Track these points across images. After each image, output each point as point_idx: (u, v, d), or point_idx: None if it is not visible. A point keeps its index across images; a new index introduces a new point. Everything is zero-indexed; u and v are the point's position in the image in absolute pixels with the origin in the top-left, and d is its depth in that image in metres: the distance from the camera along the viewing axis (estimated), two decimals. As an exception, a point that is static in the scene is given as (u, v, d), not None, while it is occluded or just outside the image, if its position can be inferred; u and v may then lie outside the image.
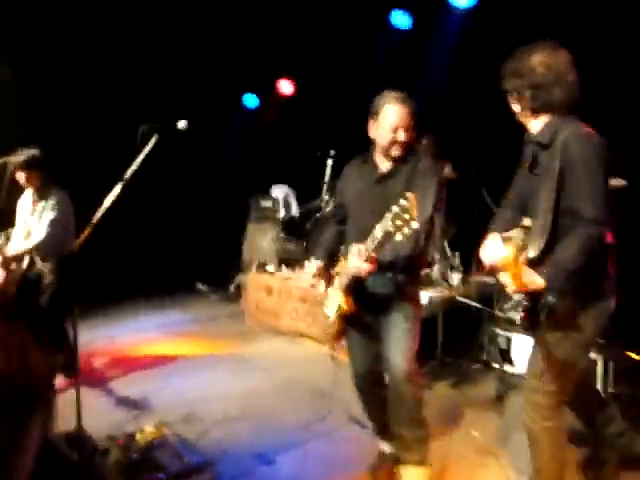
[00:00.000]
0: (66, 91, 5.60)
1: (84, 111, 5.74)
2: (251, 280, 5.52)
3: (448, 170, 4.12)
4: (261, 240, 5.90)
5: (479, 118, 4.63)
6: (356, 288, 2.47)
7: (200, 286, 6.58)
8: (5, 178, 3.71)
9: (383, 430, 2.72)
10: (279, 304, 5.06)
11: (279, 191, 6.32)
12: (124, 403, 3.60)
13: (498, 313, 3.77)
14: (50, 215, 3.76)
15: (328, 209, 5.09)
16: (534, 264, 1.94)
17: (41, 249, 3.72)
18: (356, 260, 2.30)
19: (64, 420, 2.64)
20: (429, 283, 4.13)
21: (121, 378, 4.02)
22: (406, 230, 2.00)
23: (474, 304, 3.91)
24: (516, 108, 2.17)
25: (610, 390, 3.20)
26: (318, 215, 5.35)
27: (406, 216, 1.98)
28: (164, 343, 4.79)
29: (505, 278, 1.90)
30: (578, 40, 2.53)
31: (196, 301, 6.24)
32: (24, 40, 5.28)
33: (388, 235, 2.06)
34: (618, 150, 2.06)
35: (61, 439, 2.77)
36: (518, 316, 2.14)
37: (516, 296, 2.09)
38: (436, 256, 4.24)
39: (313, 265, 2.59)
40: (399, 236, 2.02)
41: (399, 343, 2.44)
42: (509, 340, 3.69)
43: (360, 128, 2.59)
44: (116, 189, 2.67)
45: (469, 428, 3.08)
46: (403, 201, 1.99)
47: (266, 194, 6.27)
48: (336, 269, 2.58)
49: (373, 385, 2.67)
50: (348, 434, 3.10)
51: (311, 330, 4.68)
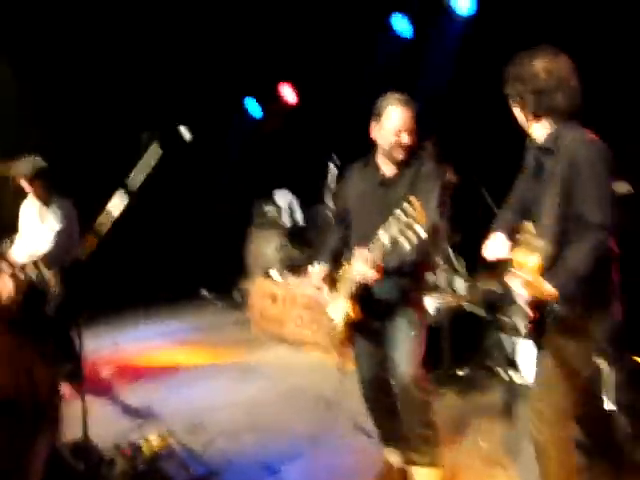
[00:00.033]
0: (66, 92, 5.63)
1: (84, 111, 5.76)
2: (255, 287, 5.52)
3: (451, 175, 4.11)
4: (265, 247, 5.90)
5: (480, 123, 4.62)
6: (362, 295, 2.46)
7: (205, 293, 6.59)
8: (9, 186, 3.74)
9: (388, 438, 2.71)
10: (284, 311, 5.06)
11: (282, 198, 6.30)
12: (130, 411, 3.60)
13: (504, 319, 3.75)
14: (55, 226, 3.80)
15: (331, 214, 5.09)
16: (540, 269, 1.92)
17: (48, 260, 3.74)
18: (361, 266, 2.29)
19: (70, 429, 2.64)
20: (433, 289, 4.12)
21: (127, 387, 4.03)
22: (411, 235, 1.99)
23: (479, 311, 3.89)
24: (518, 113, 2.17)
25: (616, 397, 3.17)
26: (322, 222, 5.35)
27: (410, 221, 1.98)
28: (169, 351, 4.80)
29: (519, 286, 1.87)
30: (577, 44, 2.53)
31: (201, 309, 6.25)
32: (24, 40, 5.27)
33: (394, 242, 2.05)
34: (620, 152, 2.05)
35: (67, 449, 2.77)
36: (523, 325, 2.12)
37: (520, 304, 2.06)
38: (440, 262, 4.23)
39: (318, 268, 2.59)
40: (404, 241, 2.01)
41: (404, 348, 2.43)
42: (515, 347, 3.66)
43: (363, 134, 2.58)
44: (119, 196, 2.67)
45: (476, 437, 3.05)
46: (407, 205, 1.98)
47: (269, 200, 6.26)
48: (339, 273, 2.58)
49: (379, 392, 2.65)
50: (354, 444, 3.08)
51: (316, 337, 4.67)
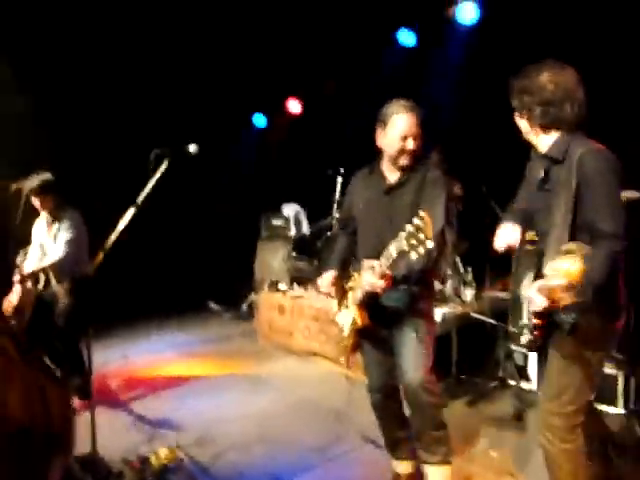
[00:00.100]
0: (76, 110, 5.65)
1: (85, 113, 5.77)
2: (263, 299, 5.52)
3: (457, 188, 4.11)
4: (272, 259, 5.90)
5: (488, 133, 4.62)
6: (370, 303, 2.46)
7: (212, 305, 6.59)
8: (20, 203, 3.81)
9: (397, 447, 2.70)
10: (291, 323, 5.05)
11: (290, 209, 6.32)
12: (138, 425, 3.59)
13: (513, 329, 3.71)
14: (65, 236, 3.87)
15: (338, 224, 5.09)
16: None
17: (57, 268, 3.80)
18: (370, 276, 2.30)
19: (79, 442, 2.61)
20: (442, 299, 4.10)
21: (135, 399, 4.02)
22: (421, 249, 2.00)
23: (488, 320, 3.87)
24: (524, 125, 2.17)
25: (631, 406, 3.13)
26: (329, 233, 5.35)
27: (421, 236, 1.98)
28: (177, 363, 4.79)
29: (535, 293, 1.84)
30: (580, 52, 2.54)
31: (209, 320, 6.23)
32: (25, 42, 5.20)
33: (403, 254, 2.06)
34: (626, 158, 2.05)
35: (75, 463, 2.76)
36: (525, 338, 2.11)
37: (525, 315, 2.06)
38: (448, 272, 4.22)
39: (328, 275, 2.61)
40: (414, 255, 2.02)
41: (412, 356, 2.43)
42: (526, 356, 3.63)
43: (369, 145, 2.59)
44: (129, 213, 2.71)
45: (487, 448, 3.03)
46: (418, 220, 1.99)
47: (277, 212, 6.28)
48: (349, 284, 2.58)
49: (388, 399, 2.65)
50: (363, 456, 3.06)
51: (324, 348, 4.66)
